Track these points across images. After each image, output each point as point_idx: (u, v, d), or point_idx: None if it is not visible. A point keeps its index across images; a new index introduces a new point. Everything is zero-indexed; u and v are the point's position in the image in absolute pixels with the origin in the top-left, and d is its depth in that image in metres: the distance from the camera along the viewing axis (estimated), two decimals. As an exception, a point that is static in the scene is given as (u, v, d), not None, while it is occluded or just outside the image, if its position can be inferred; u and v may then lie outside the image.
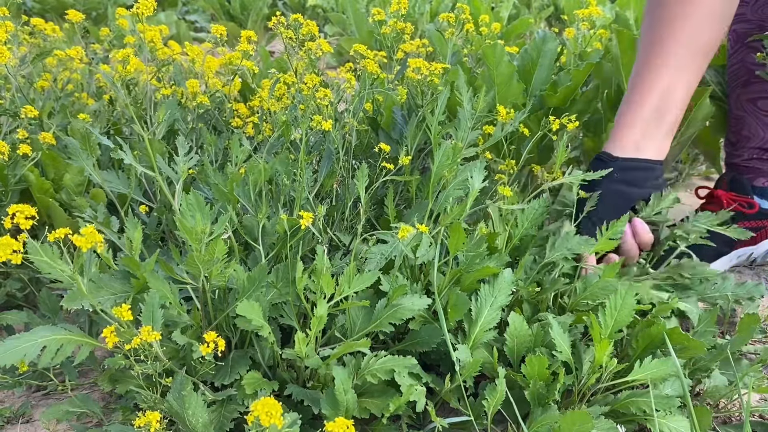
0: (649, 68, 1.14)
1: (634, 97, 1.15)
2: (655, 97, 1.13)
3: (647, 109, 1.13)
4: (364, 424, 0.89)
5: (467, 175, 0.98)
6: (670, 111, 1.14)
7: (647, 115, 1.13)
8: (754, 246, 1.45)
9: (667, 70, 1.12)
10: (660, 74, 1.13)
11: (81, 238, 0.67)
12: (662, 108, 1.13)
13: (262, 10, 3.89)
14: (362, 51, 1.26)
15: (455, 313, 0.92)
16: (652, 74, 1.13)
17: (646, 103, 1.13)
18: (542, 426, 0.82)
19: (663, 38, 1.12)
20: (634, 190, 1.14)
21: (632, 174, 1.14)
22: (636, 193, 1.15)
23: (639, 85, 1.15)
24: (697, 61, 1.13)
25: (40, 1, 3.60)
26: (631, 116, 1.15)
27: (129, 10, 0.89)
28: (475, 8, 2.81)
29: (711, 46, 1.14)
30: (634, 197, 1.15)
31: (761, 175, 1.43)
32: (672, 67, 1.12)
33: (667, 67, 1.12)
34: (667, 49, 1.12)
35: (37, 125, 1.28)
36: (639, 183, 1.14)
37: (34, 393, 1.04)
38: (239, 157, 1.05)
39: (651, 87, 1.13)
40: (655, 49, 1.13)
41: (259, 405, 0.57)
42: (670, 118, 1.14)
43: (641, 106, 1.14)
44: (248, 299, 0.81)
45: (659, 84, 1.13)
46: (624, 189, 1.14)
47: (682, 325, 1.12)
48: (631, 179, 1.14)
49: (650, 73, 1.14)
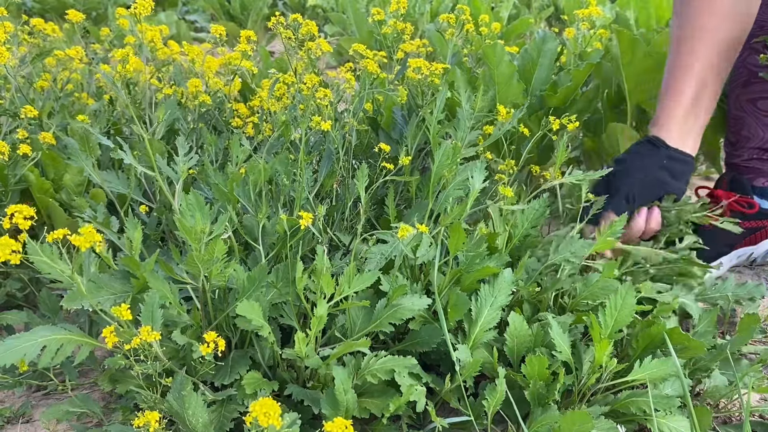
0: (683, 63, 1.16)
1: (675, 87, 1.17)
2: (694, 89, 1.16)
3: (688, 100, 1.16)
4: (364, 424, 0.89)
5: (467, 175, 0.98)
6: (704, 105, 1.17)
7: (688, 107, 1.16)
8: (754, 246, 1.45)
9: (698, 66, 1.15)
10: (693, 70, 1.15)
11: (80, 238, 0.67)
12: (700, 101, 1.16)
13: (262, 10, 3.89)
14: (362, 51, 1.26)
15: (455, 313, 0.92)
16: (687, 68, 1.16)
17: (686, 95, 1.16)
18: (542, 426, 0.82)
19: (693, 35, 1.15)
20: (673, 182, 1.16)
21: (676, 166, 1.16)
22: (673, 185, 1.17)
23: (676, 80, 1.17)
24: (725, 54, 1.16)
25: (40, 1, 3.60)
26: (674, 106, 1.17)
27: (129, 10, 0.89)
28: (475, 8, 2.81)
29: (738, 40, 1.16)
30: (670, 189, 1.17)
31: (761, 175, 1.43)
32: (703, 62, 1.15)
33: (699, 62, 1.15)
34: (698, 46, 1.15)
35: (36, 125, 1.28)
36: (678, 176, 1.17)
37: (34, 393, 1.04)
38: (239, 157, 1.05)
39: (688, 80, 1.16)
40: (687, 45, 1.16)
41: (258, 405, 0.57)
42: (704, 112, 1.17)
43: (682, 96, 1.16)
44: (248, 299, 0.81)
45: (694, 77, 1.16)
46: (667, 179, 1.16)
47: (682, 325, 1.12)
48: (674, 171, 1.16)
49: (684, 67, 1.16)
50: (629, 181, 1.16)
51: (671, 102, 1.17)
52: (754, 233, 1.44)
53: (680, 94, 1.16)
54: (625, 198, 1.15)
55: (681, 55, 1.17)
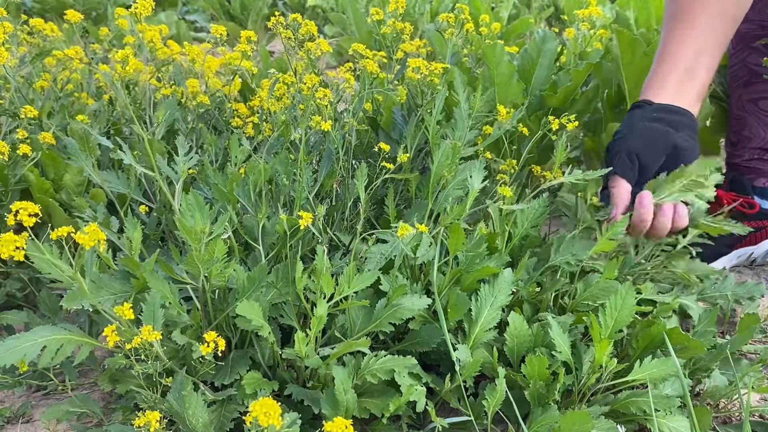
0: (678, 33, 1.15)
1: (666, 57, 1.15)
2: (687, 59, 1.13)
3: (681, 67, 1.14)
4: (364, 424, 0.89)
5: (467, 175, 0.98)
6: (699, 74, 1.14)
7: (681, 74, 1.14)
8: (754, 246, 1.45)
9: (694, 34, 1.13)
10: (688, 38, 1.14)
11: (84, 237, 0.67)
12: (693, 69, 1.13)
13: (262, 10, 3.89)
14: (361, 51, 1.26)
15: (455, 313, 0.92)
16: (681, 38, 1.14)
17: (679, 63, 1.14)
18: (542, 426, 0.82)
19: (689, 8, 1.13)
20: (671, 131, 1.11)
21: (669, 116, 1.12)
22: (673, 135, 1.12)
23: (669, 48, 1.15)
24: (722, 26, 1.14)
25: (40, 1, 3.60)
26: (664, 73, 1.15)
27: (128, 10, 0.89)
28: (475, 8, 2.81)
29: (737, 13, 1.15)
30: (672, 138, 1.11)
31: (762, 176, 1.43)
32: (699, 31, 1.13)
33: (694, 30, 1.13)
34: (694, 15, 1.13)
35: (36, 125, 1.28)
36: (676, 125, 1.12)
37: (34, 393, 1.04)
38: (239, 157, 1.05)
39: (681, 49, 1.14)
40: (683, 15, 1.14)
41: (258, 405, 0.57)
42: (699, 80, 1.14)
43: (674, 65, 1.14)
44: (248, 299, 0.81)
45: (689, 46, 1.13)
46: (663, 128, 1.11)
47: (682, 325, 1.12)
48: (671, 121, 1.12)
49: (679, 36, 1.14)
50: (625, 142, 1.12)
51: (663, 68, 1.15)
52: (754, 233, 1.44)
53: (674, 63, 1.14)
54: (627, 156, 1.10)
55: (676, 28, 1.15)
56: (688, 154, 1.11)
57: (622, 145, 1.11)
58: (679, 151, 1.11)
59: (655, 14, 2.19)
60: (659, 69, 1.16)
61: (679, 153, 1.11)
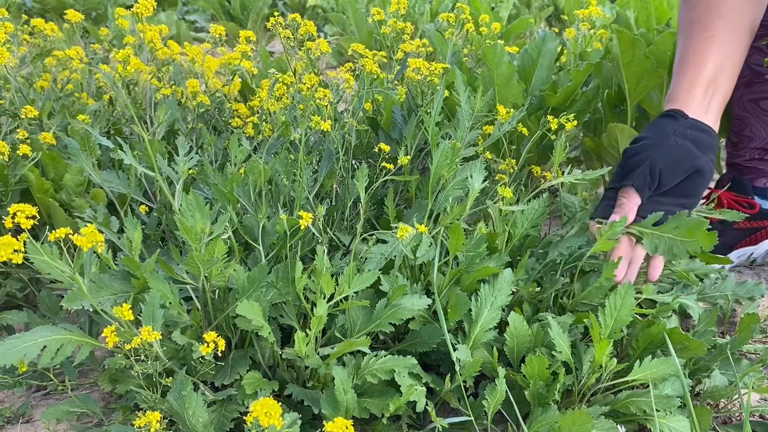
0: (697, 41, 1.11)
1: (689, 66, 1.11)
2: (709, 70, 1.10)
3: (704, 78, 1.10)
4: (364, 424, 0.89)
5: (467, 176, 0.98)
6: (721, 87, 1.11)
7: (705, 86, 1.10)
8: (754, 246, 1.45)
9: (715, 43, 1.10)
10: (709, 46, 1.10)
11: (82, 238, 0.67)
12: (716, 81, 1.10)
13: (262, 10, 3.88)
14: (361, 50, 1.26)
15: (455, 313, 0.92)
16: (701, 46, 1.11)
17: (702, 73, 1.10)
18: (542, 426, 0.82)
19: (706, 16, 1.11)
20: (697, 152, 1.06)
21: (700, 136, 1.07)
22: (699, 158, 1.06)
23: (690, 57, 1.12)
24: (741, 38, 1.12)
25: (40, 1, 3.60)
26: (688, 84, 1.10)
27: (129, 9, 0.89)
28: (475, 8, 2.81)
29: (753, 23, 1.13)
30: (696, 161, 1.05)
31: (762, 176, 1.43)
32: (719, 40, 1.10)
33: (715, 39, 1.10)
34: (713, 23, 1.10)
35: (36, 125, 1.28)
36: (702, 146, 1.07)
37: (34, 393, 1.04)
38: (239, 157, 1.05)
39: (702, 59, 1.10)
40: (702, 24, 1.11)
41: (258, 405, 0.57)
42: (722, 94, 1.11)
43: (698, 75, 1.10)
44: (248, 299, 0.81)
45: (710, 57, 1.10)
46: (691, 147, 1.06)
47: (682, 325, 1.12)
48: (698, 141, 1.07)
49: (699, 44, 1.11)
50: (651, 153, 1.05)
51: (689, 77, 1.10)
52: (754, 233, 1.44)
53: (697, 72, 1.10)
54: (649, 171, 1.04)
55: (695, 35, 1.11)
56: (705, 179, 1.08)
57: (647, 158, 1.05)
58: (699, 174, 1.07)
59: (655, 14, 2.19)
60: (683, 79, 1.11)
61: (698, 177, 1.07)
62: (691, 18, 1.13)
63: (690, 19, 1.14)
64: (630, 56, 1.36)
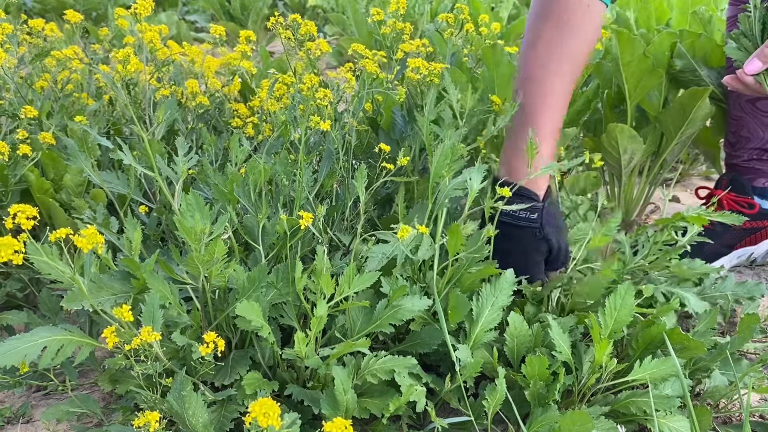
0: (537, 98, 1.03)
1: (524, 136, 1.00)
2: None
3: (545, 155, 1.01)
4: (364, 424, 0.89)
5: (466, 176, 0.98)
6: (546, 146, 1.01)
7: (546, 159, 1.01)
8: (754, 246, 1.45)
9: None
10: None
11: (82, 239, 0.67)
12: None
13: (262, 10, 3.88)
14: (361, 51, 1.26)
15: (455, 315, 0.92)
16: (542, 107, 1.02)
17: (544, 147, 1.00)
18: (542, 426, 0.82)
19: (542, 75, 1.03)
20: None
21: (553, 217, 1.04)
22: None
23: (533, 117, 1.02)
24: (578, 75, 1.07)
25: (41, 1, 3.60)
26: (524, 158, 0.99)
27: (129, 10, 0.89)
28: (474, 8, 2.81)
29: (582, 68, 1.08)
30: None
31: (761, 176, 1.43)
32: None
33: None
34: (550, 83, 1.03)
35: (36, 125, 1.28)
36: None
37: (35, 393, 1.04)
38: (239, 157, 1.05)
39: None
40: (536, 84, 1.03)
41: (257, 405, 0.57)
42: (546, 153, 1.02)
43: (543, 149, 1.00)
44: (248, 299, 0.81)
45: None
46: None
47: (682, 325, 1.12)
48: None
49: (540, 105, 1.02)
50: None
51: (521, 151, 1.00)
52: (754, 233, 1.44)
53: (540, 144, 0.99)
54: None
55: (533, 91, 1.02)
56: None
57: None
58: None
59: (655, 14, 2.19)
60: (521, 150, 1.00)
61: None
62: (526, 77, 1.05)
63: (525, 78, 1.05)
64: (630, 56, 1.36)
